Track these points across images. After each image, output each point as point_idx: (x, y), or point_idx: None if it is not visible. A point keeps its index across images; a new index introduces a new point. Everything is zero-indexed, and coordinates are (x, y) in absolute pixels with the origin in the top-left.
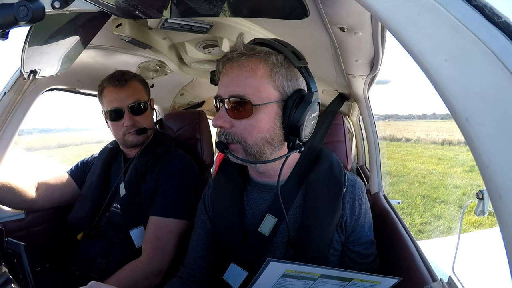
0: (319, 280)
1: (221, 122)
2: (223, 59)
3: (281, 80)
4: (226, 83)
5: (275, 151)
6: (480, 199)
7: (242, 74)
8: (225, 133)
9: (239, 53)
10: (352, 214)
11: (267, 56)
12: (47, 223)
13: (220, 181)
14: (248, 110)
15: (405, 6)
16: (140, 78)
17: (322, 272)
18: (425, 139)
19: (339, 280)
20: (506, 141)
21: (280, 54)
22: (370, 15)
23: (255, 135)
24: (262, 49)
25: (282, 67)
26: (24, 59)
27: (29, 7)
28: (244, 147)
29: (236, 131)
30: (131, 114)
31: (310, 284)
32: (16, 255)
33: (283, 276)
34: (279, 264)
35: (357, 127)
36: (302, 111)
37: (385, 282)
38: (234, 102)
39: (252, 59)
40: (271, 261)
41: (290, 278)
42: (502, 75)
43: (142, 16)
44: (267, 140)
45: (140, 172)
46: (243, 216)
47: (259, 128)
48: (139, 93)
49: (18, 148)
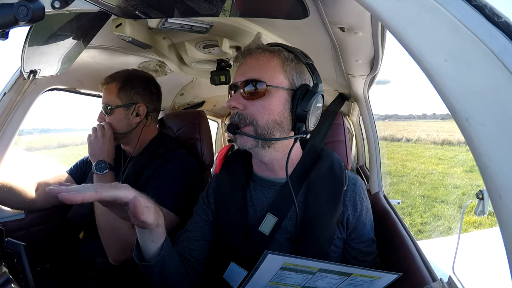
0: (318, 274)
1: (236, 103)
2: (243, 51)
3: (291, 73)
4: (243, 71)
5: (283, 135)
6: (480, 199)
7: (259, 63)
8: (238, 114)
9: (256, 46)
10: (354, 211)
11: (280, 51)
12: (47, 223)
13: (224, 177)
14: (262, 91)
15: (405, 6)
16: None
17: (321, 266)
18: (425, 139)
19: (338, 274)
20: (506, 141)
21: (290, 52)
22: (370, 15)
23: (266, 116)
24: (276, 47)
25: (292, 61)
26: (24, 59)
27: (29, 7)
28: (256, 128)
29: (248, 112)
30: (102, 113)
31: (309, 278)
32: (16, 255)
33: (281, 269)
34: (277, 256)
35: (357, 127)
36: (309, 99)
37: (385, 278)
38: (250, 85)
39: (267, 52)
40: (269, 254)
41: (289, 271)
42: (502, 75)
43: (142, 16)
44: (277, 122)
45: (137, 171)
46: (246, 212)
47: (270, 110)
48: (109, 95)
49: (18, 148)
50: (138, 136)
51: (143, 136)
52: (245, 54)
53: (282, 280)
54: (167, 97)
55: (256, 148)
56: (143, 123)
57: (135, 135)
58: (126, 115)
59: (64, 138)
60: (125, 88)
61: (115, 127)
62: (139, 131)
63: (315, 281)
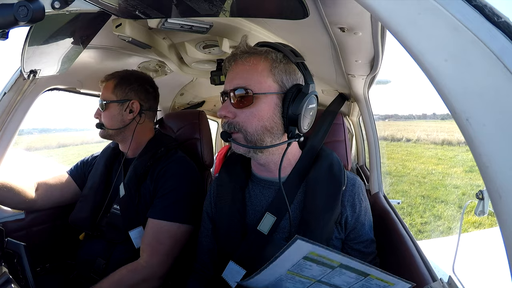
0: (337, 270)
1: (225, 112)
2: (229, 57)
3: (280, 75)
4: (231, 78)
5: (274, 140)
6: (480, 199)
7: (245, 69)
8: (228, 123)
9: (242, 51)
10: (353, 212)
11: (267, 53)
12: (47, 223)
13: (223, 178)
14: (250, 99)
15: (405, 6)
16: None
17: (343, 262)
18: (425, 139)
19: (356, 273)
20: (506, 141)
21: (279, 52)
22: (370, 15)
23: (255, 123)
24: (263, 48)
25: (281, 63)
26: (24, 59)
27: (29, 7)
28: (245, 136)
29: (238, 121)
30: (98, 109)
31: (327, 272)
32: (16, 255)
33: (304, 258)
34: (306, 243)
35: (357, 127)
36: (300, 101)
37: (399, 285)
38: (238, 93)
39: (253, 56)
40: (298, 239)
41: (311, 261)
42: (502, 75)
43: (142, 16)
44: (266, 128)
45: (139, 173)
46: (244, 213)
47: (259, 117)
48: (106, 91)
49: (18, 148)
50: (132, 134)
51: (139, 135)
52: (231, 61)
53: (300, 270)
54: (167, 97)
55: (249, 153)
56: (136, 120)
57: (129, 132)
58: (119, 111)
59: (64, 138)
60: (121, 84)
61: (108, 123)
62: (133, 129)
63: (332, 276)
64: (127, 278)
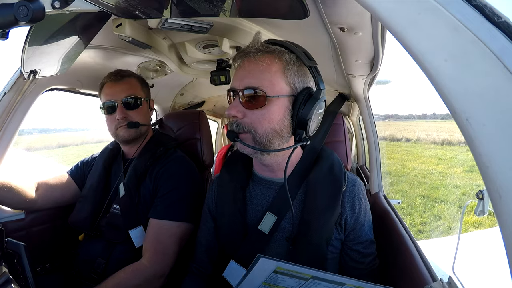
0: (311, 281)
1: (235, 111)
2: (241, 53)
3: (292, 77)
4: (241, 76)
5: (282, 143)
6: (480, 199)
7: (258, 68)
8: (237, 123)
9: (256, 49)
10: (353, 213)
11: (281, 54)
12: (47, 223)
13: (224, 178)
14: (262, 101)
15: (405, 6)
16: (139, 76)
17: (314, 274)
18: (425, 139)
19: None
20: (506, 141)
21: (292, 54)
22: (370, 15)
23: (265, 125)
24: (277, 47)
25: (294, 65)
26: (24, 59)
27: (29, 7)
28: (254, 137)
29: (247, 121)
30: (123, 108)
31: (302, 283)
32: (16, 255)
33: (274, 272)
34: (269, 261)
35: (357, 127)
36: (310, 106)
37: None
38: (249, 93)
39: (267, 56)
40: (261, 257)
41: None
42: (502, 75)
43: (142, 16)
44: (276, 131)
45: (139, 173)
46: (245, 212)
47: (270, 119)
48: (134, 88)
49: (18, 148)
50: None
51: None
52: (244, 57)
53: (275, 282)
54: (167, 97)
55: (255, 154)
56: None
57: (147, 131)
58: (147, 108)
59: (64, 138)
60: (143, 82)
61: (142, 119)
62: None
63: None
64: (131, 279)
